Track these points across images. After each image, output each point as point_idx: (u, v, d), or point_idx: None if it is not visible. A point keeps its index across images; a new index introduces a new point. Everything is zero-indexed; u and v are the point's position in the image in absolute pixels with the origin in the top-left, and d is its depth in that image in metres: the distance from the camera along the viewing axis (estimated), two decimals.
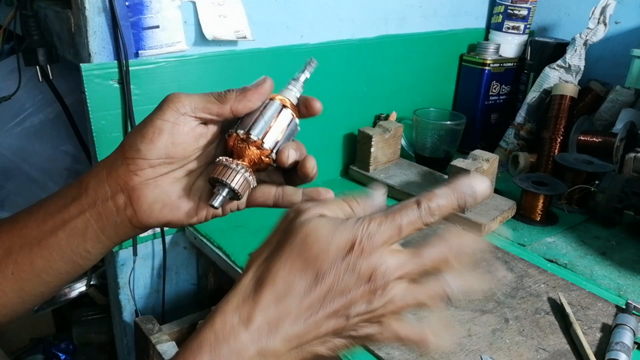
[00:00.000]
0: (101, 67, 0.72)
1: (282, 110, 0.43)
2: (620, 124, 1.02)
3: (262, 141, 0.42)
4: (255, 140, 0.41)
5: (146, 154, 0.41)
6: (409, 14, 1.08)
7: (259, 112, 0.42)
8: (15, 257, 0.42)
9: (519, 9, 1.15)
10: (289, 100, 0.45)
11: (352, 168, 1.04)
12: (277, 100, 0.43)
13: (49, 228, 0.42)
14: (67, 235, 0.42)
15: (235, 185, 0.41)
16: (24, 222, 0.43)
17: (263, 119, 0.42)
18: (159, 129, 0.40)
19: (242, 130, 0.42)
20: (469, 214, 0.86)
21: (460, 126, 1.07)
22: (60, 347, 1.19)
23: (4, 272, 0.42)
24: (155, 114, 0.41)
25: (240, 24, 0.82)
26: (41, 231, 0.42)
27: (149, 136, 0.40)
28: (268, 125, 0.42)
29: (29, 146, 1.00)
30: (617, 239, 0.86)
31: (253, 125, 0.42)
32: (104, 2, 0.70)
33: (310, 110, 0.45)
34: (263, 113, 0.42)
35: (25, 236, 0.42)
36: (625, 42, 1.10)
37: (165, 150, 0.41)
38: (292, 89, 0.46)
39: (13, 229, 0.43)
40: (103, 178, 0.42)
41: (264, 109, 0.43)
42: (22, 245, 0.42)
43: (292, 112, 0.44)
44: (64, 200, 0.43)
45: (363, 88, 1.06)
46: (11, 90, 0.89)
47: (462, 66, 1.21)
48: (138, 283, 0.89)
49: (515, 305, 0.68)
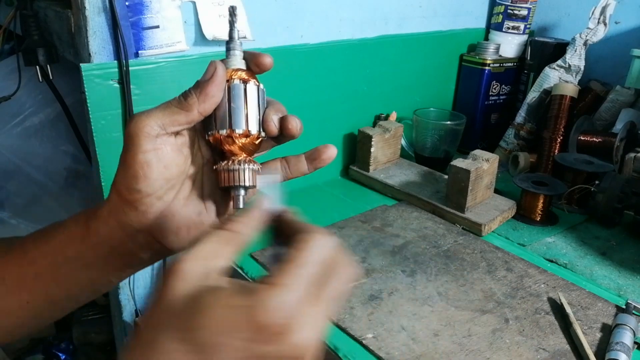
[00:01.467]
0: (101, 67, 0.72)
1: (246, 87, 0.41)
2: (620, 124, 1.02)
3: (248, 130, 0.40)
4: (241, 132, 0.40)
5: (148, 191, 0.39)
6: (409, 14, 1.08)
7: (228, 102, 0.40)
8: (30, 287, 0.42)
9: (519, 9, 1.15)
10: (241, 68, 0.42)
11: (352, 168, 1.04)
12: (236, 80, 0.41)
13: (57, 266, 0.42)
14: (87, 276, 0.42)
15: (247, 183, 0.41)
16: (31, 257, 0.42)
17: (237, 107, 0.40)
18: (146, 162, 0.38)
19: (224, 130, 0.40)
20: (469, 214, 0.86)
21: (460, 126, 1.07)
22: (60, 347, 1.19)
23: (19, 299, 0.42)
24: (133, 149, 0.38)
25: (240, 24, 0.82)
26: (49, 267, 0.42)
27: (141, 174, 0.38)
28: (244, 110, 0.40)
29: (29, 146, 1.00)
30: (617, 239, 0.86)
31: (231, 119, 0.40)
32: (104, 2, 0.70)
33: (262, 67, 0.42)
34: (232, 101, 0.40)
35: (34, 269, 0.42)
36: (625, 42, 1.10)
37: (162, 176, 0.39)
38: (235, 53, 0.42)
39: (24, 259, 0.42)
40: (115, 225, 0.40)
41: (230, 97, 0.40)
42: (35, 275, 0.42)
43: (253, 81, 0.41)
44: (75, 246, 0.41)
45: (363, 88, 1.06)
46: (11, 90, 0.89)
47: (462, 66, 1.22)
48: (138, 283, 0.89)
49: (515, 305, 0.68)
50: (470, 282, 0.72)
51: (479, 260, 0.78)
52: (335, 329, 0.63)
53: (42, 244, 0.42)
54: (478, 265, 0.76)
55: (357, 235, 0.83)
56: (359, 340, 0.61)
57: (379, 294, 0.69)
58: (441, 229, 0.86)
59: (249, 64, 0.42)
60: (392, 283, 0.71)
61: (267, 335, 0.28)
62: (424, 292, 0.70)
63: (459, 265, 0.76)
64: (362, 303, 0.67)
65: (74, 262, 0.41)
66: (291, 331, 0.29)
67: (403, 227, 0.86)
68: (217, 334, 0.28)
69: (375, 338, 0.61)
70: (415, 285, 0.71)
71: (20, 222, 1.01)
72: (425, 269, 0.75)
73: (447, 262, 0.77)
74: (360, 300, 0.68)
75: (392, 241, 0.82)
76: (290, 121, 0.41)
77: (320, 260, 0.32)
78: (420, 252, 0.79)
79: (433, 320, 0.64)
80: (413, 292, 0.70)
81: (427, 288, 0.71)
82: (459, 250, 0.80)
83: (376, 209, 0.92)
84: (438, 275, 0.74)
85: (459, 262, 0.77)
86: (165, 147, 0.39)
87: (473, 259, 0.78)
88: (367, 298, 0.68)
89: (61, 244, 0.42)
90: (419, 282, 0.72)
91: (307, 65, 0.94)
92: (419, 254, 0.79)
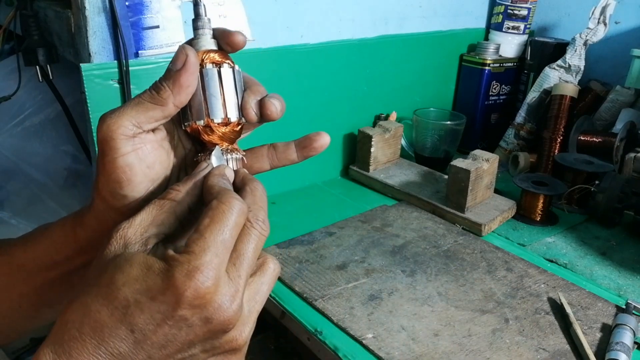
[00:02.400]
0: (101, 67, 0.72)
1: (220, 71, 0.38)
2: (620, 124, 1.02)
3: (227, 118, 0.38)
4: (220, 121, 0.38)
5: (134, 195, 0.37)
6: (409, 14, 1.08)
7: (202, 89, 0.37)
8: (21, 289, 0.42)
9: (519, 9, 1.15)
10: (212, 49, 0.38)
11: (352, 168, 1.04)
12: (209, 64, 0.37)
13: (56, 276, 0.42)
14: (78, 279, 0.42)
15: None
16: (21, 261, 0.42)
17: (212, 94, 0.37)
18: (127, 165, 0.36)
19: (201, 120, 0.38)
20: (469, 214, 0.86)
21: (460, 126, 1.07)
22: None
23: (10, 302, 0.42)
24: (110, 154, 0.35)
25: (240, 24, 0.82)
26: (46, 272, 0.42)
27: (124, 178, 0.36)
28: (220, 97, 0.37)
29: (29, 146, 1.00)
30: (617, 239, 0.86)
31: (208, 108, 0.37)
32: (104, 2, 0.70)
33: (234, 46, 0.38)
34: (207, 88, 0.37)
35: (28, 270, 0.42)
36: (625, 42, 1.10)
37: (147, 178, 0.37)
38: (204, 32, 0.38)
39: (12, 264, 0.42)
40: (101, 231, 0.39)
41: (203, 83, 0.37)
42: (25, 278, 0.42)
43: (228, 63, 0.38)
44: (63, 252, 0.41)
45: (363, 88, 1.06)
46: (11, 90, 0.89)
47: (462, 66, 1.21)
48: None
49: (515, 305, 0.68)
50: (470, 282, 0.72)
51: (479, 260, 0.78)
52: (335, 329, 0.63)
53: (29, 248, 0.42)
54: (478, 265, 0.76)
55: (357, 235, 0.83)
56: (359, 340, 0.61)
57: (379, 294, 0.69)
58: (441, 229, 0.86)
59: (220, 44, 0.39)
60: (392, 283, 0.71)
61: (187, 301, 0.29)
62: (424, 292, 0.70)
63: (459, 265, 0.76)
64: (362, 303, 0.67)
65: (63, 265, 0.41)
66: (211, 299, 0.30)
67: (403, 227, 0.86)
68: (135, 293, 0.29)
69: (375, 338, 0.61)
70: (415, 285, 0.71)
71: (20, 222, 1.01)
72: (425, 269, 0.75)
73: (447, 262, 0.77)
74: (360, 300, 0.68)
75: (392, 241, 0.82)
76: (269, 106, 0.38)
77: (231, 225, 0.32)
78: (420, 252, 0.79)
79: (433, 320, 0.64)
80: (413, 292, 0.70)
81: (427, 288, 0.71)
82: (459, 250, 0.80)
83: (376, 209, 0.92)
84: (438, 275, 0.74)
85: (459, 262, 0.77)
86: (145, 146, 0.37)
87: (473, 259, 0.78)
88: (367, 298, 0.68)
89: (48, 249, 0.41)
90: (419, 282, 0.72)
91: (307, 65, 0.94)
92: (419, 254, 0.79)
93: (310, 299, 0.68)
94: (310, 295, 0.68)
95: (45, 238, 0.42)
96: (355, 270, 0.74)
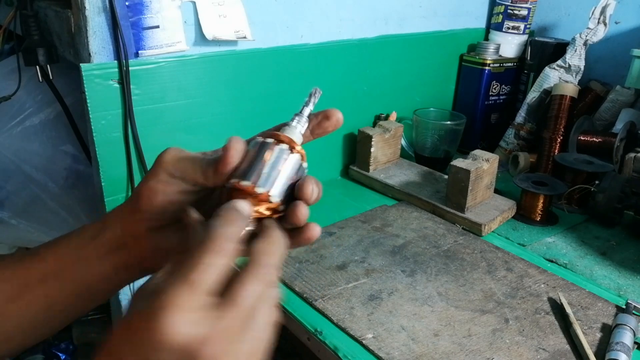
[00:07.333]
0: (101, 67, 0.72)
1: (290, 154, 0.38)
2: (620, 124, 1.02)
3: (269, 193, 0.37)
4: (261, 192, 0.37)
5: (146, 210, 0.41)
6: (409, 14, 1.08)
7: (258, 158, 0.37)
8: (32, 288, 0.43)
9: (519, 9, 1.15)
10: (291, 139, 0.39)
11: (352, 168, 1.04)
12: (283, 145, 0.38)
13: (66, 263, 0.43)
14: (82, 272, 0.43)
15: None
16: (43, 255, 0.44)
17: (272, 168, 0.37)
18: (154, 190, 0.40)
19: (246, 182, 0.37)
20: (468, 214, 0.86)
21: (460, 126, 1.07)
22: (60, 347, 1.19)
23: (19, 302, 0.43)
24: (151, 175, 0.41)
25: (240, 24, 0.82)
26: (58, 265, 0.43)
27: (146, 195, 0.41)
28: (275, 173, 0.37)
29: (29, 146, 1.00)
30: (617, 239, 0.86)
31: (260, 177, 0.37)
32: (104, 2, 0.70)
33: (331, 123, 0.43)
34: (268, 161, 0.37)
35: (43, 269, 0.43)
36: (625, 42, 1.10)
37: (162, 207, 0.41)
38: (297, 125, 0.41)
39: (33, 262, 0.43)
40: (118, 223, 0.43)
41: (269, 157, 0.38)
42: (39, 278, 0.43)
43: (298, 152, 0.39)
44: (83, 237, 0.44)
45: (363, 88, 1.06)
46: (11, 90, 0.89)
47: (462, 66, 1.22)
48: (138, 283, 0.89)
49: (515, 305, 0.68)
50: (470, 282, 0.72)
51: (479, 260, 0.78)
52: (335, 329, 0.63)
53: (54, 245, 0.44)
54: (478, 265, 0.76)
55: (357, 235, 0.83)
56: (359, 340, 0.61)
57: (379, 294, 0.69)
58: (441, 229, 0.86)
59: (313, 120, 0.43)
60: (392, 283, 0.71)
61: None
62: (424, 292, 0.70)
63: (459, 265, 0.76)
64: (362, 303, 0.67)
65: (80, 263, 0.43)
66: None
67: (403, 227, 0.86)
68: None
69: (375, 338, 0.61)
70: (415, 285, 0.71)
71: (20, 222, 1.01)
72: (425, 269, 0.75)
73: (447, 262, 0.77)
74: (360, 300, 0.68)
75: (392, 241, 0.82)
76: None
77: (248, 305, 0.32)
78: (420, 252, 0.79)
79: (433, 320, 0.64)
80: (413, 292, 0.70)
81: (427, 288, 0.71)
82: (459, 250, 0.80)
83: (376, 209, 0.92)
84: (438, 275, 0.74)
85: (459, 262, 0.77)
86: (176, 188, 0.40)
87: (473, 259, 0.78)
88: (367, 298, 0.68)
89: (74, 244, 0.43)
90: (419, 282, 0.72)
91: (307, 65, 0.94)
92: (419, 254, 0.79)
93: (310, 299, 0.68)
94: (310, 295, 0.68)
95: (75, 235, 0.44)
96: (355, 270, 0.74)
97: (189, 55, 0.79)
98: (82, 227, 0.45)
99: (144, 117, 0.77)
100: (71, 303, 0.44)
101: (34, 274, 0.43)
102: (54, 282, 0.43)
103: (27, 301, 0.42)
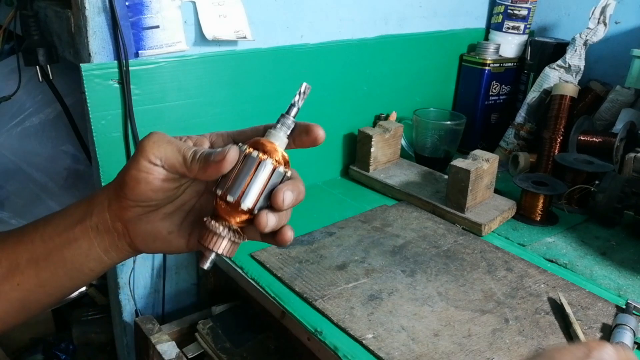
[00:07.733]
0: (101, 67, 0.72)
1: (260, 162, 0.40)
2: (620, 124, 1.02)
3: (239, 202, 0.40)
4: (232, 201, 0.40)
5: (130, 198, 0.41)
6: (409, 14, 1.08)
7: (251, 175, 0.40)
8: (22, 269, 0.43)
9: (519, 9, 1.15)
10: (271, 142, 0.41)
11: (352, 168, 1.04)
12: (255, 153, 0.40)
13: (55, 245, 0.43)
14: (72, 254, 0.43)
15: (222, 252, 0.41)
16: (30, 237, 0.44)
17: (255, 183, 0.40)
18: (135, 178, 0.40)
19: (220, 190, 0.40)
20: (469, 214, 0.86)
21: (460, 126, 1.07)
22: (60, 347, 1.19)
23: (11, 282, 0.43)
24: (132, 163, 0.41)
25: (240, 24, 0.82)
26: (47, 248, 0.43)
27: (130, 184, 0.41)
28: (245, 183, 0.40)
29: (29, 146, 1.00)
30: (617, 239, 0.86)
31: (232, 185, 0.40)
32: (104, 2, 0.70)
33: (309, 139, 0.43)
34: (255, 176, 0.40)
35: (32, 251, 0.43)
36: (625, 42, 1.10)
37: (147, 195, 0.41)
38: (281, 128, 0.42)
39: (20, 243, 0.44)
40: (105, 206, 0.43)
41: (243, 165, 0.40)
42: (29, 259, 0.43)
43: (274, 160, 0.41)
44: (70, 219, 0.44)
45: (363, 88, 1.06)
46: (11, 90, 0.89)
47: (462, 66, 1.21)
48: (138, 283, 0.89)
49: (515, 305, 0.68)
50: (470, 282, 0.72)
51: (479, 260, 0.78)
52: (335, 329, 0.63)
53: (42, 227, 0.44)
54: (478, 265, 0.76)
55: (357, 235, 0.83)
56: (359, 340, 0.61)
57: (379, 294, 0.69)
58: (441, 229, 0.86)
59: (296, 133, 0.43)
60: (392, 283, 0.71)
61: None
62: (424, 292, 0.70)
63: (459, 265, 0.76)
64: (362, 303, 0.67)
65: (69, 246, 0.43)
66: None
67: (403, 227, 0.86)
68: None
69: (375, 338, 0.61)
70: (415, 285, 0.71)
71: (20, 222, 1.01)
72: (425, 269, 0.75)
73: (447, 262, 0.77)
74: (360, 300, 0.68)
75: (392, 241, 0.82)
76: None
77: None
78: (420, 252, 0.79)
79: (433, 320, 0.64)
80: (413, 292, 0.70)
81: (427, 288, 0.71)
82: (459, 250, 0.80)
83: (376, 209, 0.92)
84: (438, 275, 0.74)
85: (459, 262, 0.77)
86: (158, 176, 0.41)
87: (473, 259, 0.78)
88: (367, 298, 0.68)
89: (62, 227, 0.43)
90: (419, 282, 0.72)
91: (307, 65, 0.94)
92: (419, 254, 0.79)
93: (310, 299, 0.68)
94: (310, 295, 0.68)
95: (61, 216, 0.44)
96: (355, 270, 0.74)
97: (189, 55, 0.79)
98: (67, 209, 0.45)
99: (144, 117, 0.77)
100: (63, 283, 0.44)
101: (23, 255, 0.43)
102: (44, 262, 0.43)
103: (18, 280, 0.43)
